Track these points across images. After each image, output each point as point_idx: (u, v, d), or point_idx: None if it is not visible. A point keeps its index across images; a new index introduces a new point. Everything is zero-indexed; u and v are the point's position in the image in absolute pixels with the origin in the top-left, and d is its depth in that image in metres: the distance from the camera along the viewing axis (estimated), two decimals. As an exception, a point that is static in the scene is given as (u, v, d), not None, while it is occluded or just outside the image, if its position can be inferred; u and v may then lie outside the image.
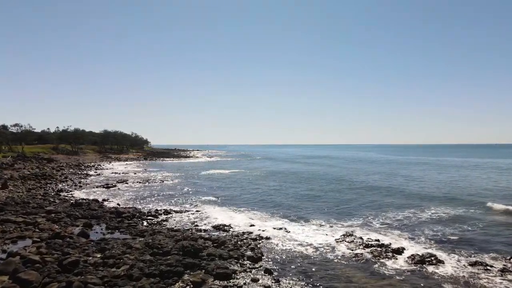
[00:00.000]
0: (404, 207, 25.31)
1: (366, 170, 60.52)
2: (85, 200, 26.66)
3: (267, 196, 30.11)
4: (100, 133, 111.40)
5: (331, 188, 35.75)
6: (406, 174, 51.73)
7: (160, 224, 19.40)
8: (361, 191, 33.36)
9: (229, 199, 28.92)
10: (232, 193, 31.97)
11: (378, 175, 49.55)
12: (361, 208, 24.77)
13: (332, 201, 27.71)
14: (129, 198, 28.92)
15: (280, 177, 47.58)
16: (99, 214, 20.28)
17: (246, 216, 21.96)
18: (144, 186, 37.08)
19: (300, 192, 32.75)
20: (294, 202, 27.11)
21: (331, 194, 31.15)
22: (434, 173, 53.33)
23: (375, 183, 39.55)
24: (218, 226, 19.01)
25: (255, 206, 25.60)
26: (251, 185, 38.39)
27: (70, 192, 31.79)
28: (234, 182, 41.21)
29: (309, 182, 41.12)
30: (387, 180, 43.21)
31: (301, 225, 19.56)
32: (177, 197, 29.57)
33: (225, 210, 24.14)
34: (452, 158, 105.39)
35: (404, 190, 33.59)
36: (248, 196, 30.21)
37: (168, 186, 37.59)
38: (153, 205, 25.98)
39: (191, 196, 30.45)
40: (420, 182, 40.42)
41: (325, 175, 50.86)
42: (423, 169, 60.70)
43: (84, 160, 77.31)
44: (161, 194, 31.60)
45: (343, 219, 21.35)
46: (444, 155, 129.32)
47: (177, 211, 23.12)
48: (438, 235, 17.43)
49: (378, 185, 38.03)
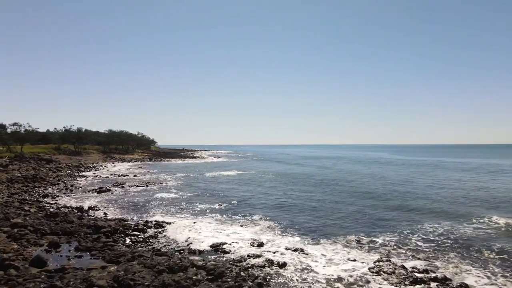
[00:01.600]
0: (440, 216, 21.21)
1: (381, 172, 56.14)
2: (67, 208, 23.12)
3: (278, 204, 26.18)
4: (104, 132, 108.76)
5: (348, 193, 31.65)
6: (429, 177, 47.28)
7: (146, 242, 15.66)
8: (384, 196, 29.19)
9: (233, 206, 25.09)
10: (237, 199, 28.14)
11: (398, 178, 45.21)
12: (390, 219, 20.69)
13: (353, 209, 23.64)
14: (121, 205, 25.31)
15: (291, 180, 43.60)
16: (74, 228, 16.62)
17: (253, 231, 18.08)
18: (141, 190, 33.50)
19: (315, 198, 28.72)
20: (309, 212, 23.14)
21: (350, 201, 27.07)
22: (459, 175, 48.71)
23: (397, 188, 35.30)
24: (218, 245, 15.18)
25: (264, 216, 21.71)
26: (259, 190, 34.51)
27: (56, 197, 28.35)
28: (241, 186, 37.37)
29: (323, 187, 37.05)
30: (409, 184, 38.90)
31: (322, 245, 15.58)
32: (175, 204, 25.87)
33: (229, 221, 20.31)
34: (472, 159, 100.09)
35: (432, 196, 29.32)
36: (256, 204, 26.33)
37: (168, 190, 33.95)
38: (146, 214, 22.29)
39: (191, 202, 26.70)
40: (449, 187, 36.03)
41: (339, 177, 46.68)
42: (446, 171, 56.04)
43: (86, 161, 74.38)
44: (158, 200, 27.94)
45: (372, 234, 17.33)
46: (461, 156, 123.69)
47: (171, 223, 19.36)
48: (506, 259, 13.31)
49: (401, 189, 33.78)
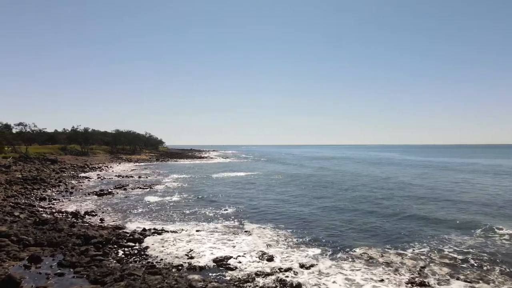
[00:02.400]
0: (469, 225, 18.97)
1: (396, 174, 53.67)
2: (62, 213, 21.48)
3: (289, 210, 24.16)
4: (111, 132, 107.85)
5: (365, 198, 29.46)
6: (448, 179, 44.74)
7: (141, 255, 13.82)
8: (404, 202, 26.95)
9: (240, 212, 23.16)
10: (244, 204, 26.22)
11: (417, 182, 42.80)
12: (415, 229, 18.52)
13: (372, 217, 21.50)
14: (120, 210, 23.59)
15: (302, 182, 41.50)
16: (61, 239, 14.87)
17: (262, 241, 16.12)
18: (143, 193, 31.81)
19: (329, 204, 26.60)
20: (323, 218, 21.08)
21: (367, 208, 24.91)
22: (478, 178, 46.04)
23: (417, 192, 32.99)
24: (222, 259, 13.26)
25: (274, 223, 19.75)
26: (267, 194, 32.54)
27: (54, 201, 26.81)
28: (249, 189, 35.41)
29: (336, 191, 34.91)
30: (429, 187, 36.50)
31: (341, 260, 13.54)
32: (178, 209, 24.06)
33: (235, 229, 18.38)
34: (482, 160, 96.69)
35: (457, 201, 26.99)
36: (265, 209, 24.35)
37: (171, 193, 32.20)
38: (145, 220, 20.50)
39: (195, 207, 24.87)
40: (471, 191, 33.58)
41: (351, 180, 44.43)
42: (461, 173, 53.30)
43: (92, 161, 73.32)
44: (160, 204, 26.18)
45: (396, 246, 15.22)
46: (471, 157, 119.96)
47: (171, 231, 17.51)
48: None
49: (422, 194, 31.47)
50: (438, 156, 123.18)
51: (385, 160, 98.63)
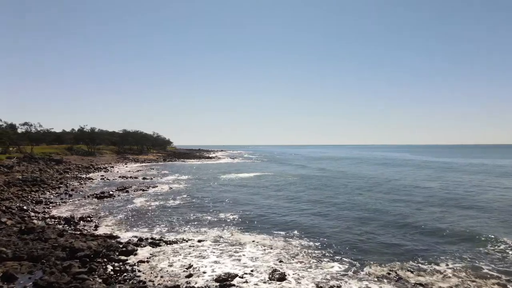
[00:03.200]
0: (502, 233, 16.65)
1: (410, 175, 51.15)
2: (55, 219, 19.81)
3: (302, 216, 22.10)
4: (118, 132, 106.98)
5: (385, 205, 27.24)
6: (469, 182, 42.17)
7: (132, 272, 11.96)
8: (427, 209, 24.67)
9: (249, 218, 21.20)
10: (253, 209, 24.27)
11: (434, 184, 40.37)
12: (443, 239, 16.33)
13: (395, 225, 19.31)
14: (117, 215, 21.84)
15: (314, 184, 39.36)
16: (44, 251, 13.11)
17: (273, 254, 14.13)
18: (145, 196, 30.09)
19: (347, 211, 24.35)
20: (341, 228, 18.96)
21: (389, 212, 22.71)
22: (497, 180, 43.32)
23: (435, 193, 30.63)
24: (225, 279, 11.34)
25: (285, 233, 17.74)
26: (279, 198, 30.53)
27: (50, 204, 25.22)
28: (258, 193, 33.35)
29: (353, 196, 32.73)
30: (453, 191, 34.08)
31: (367, 280, 11.49)
32: (180, 214, 22.22)
33: (241, 239, 16.44)
34: (495, 160, 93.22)
35: (485, 205, 24.62)
36: (275, 216, 22.32)
37: (176, 195, 30.42)
38: (143, 227, 18.70)
39: (199, 212, 23.01)
40: (498, 194, 31.11)
41: (365, 181, 42.13)
42: (479, 174, 50.51)
43: (98, 162, 72.21)
44: (162, 208, 24.38)
45: (425, 261, 13.09)
46: (486, 157, 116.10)
47: (170, 242, 15.64)
48: None
49: (446, 200, 29.10)
50: (450, 157, 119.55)
51: (397, 160, 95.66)
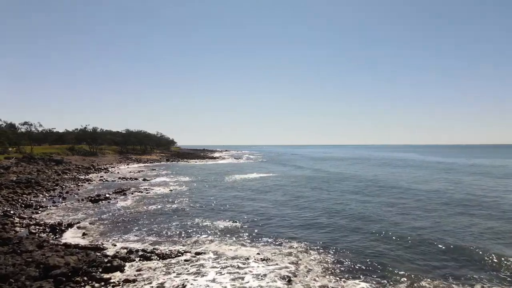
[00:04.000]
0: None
1: (423, 176, 48.75)
2: (40, 226, 17.92)
3: (309, 222, 19.98)
4: (121, 132, 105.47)
5: (395, 202, 24.99)
6: (488, 185, 39.70)
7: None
8: (455, 218, 22.42)
9: (253, 224, 19.14)
10: (258, 214, 22.20)
11: (451, 187, 38.03)
12: (478, 255, 14.13)
13: (422, 233, 17.13)
14: (110, 221, 19.90)
15: (323, 185, 37.13)
16: (15, 268, 11.16)
17: (281, 272, 12.06)
18: (143, 199, 28.16)
19: (358, 216, 22.18)
20: (354, 235, 16.81)
21: (409, 217, 20.50)
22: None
23: (457, 196, 28.33)
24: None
25: (296, 242, 15.65)
26: (286, 199, 28.43)
27: (40, 208, 23.38)
28: (262, 195, 31.22)
29: (363, 194, 30.52)
30: (477, 194, 31.71)
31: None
32: (179, 220, 20.22)
33: (244, 251, 14.38)
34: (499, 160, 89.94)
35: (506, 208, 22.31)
36: (283, 220, 20.24)
37: (176, 199, 28.46)
38: (135, 236, 16.73)
39: (199, 217, 20.99)
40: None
41: (377, 182, 39.85)
42: (494, 176, 47.95)
43: (99, 162, 70.58)
44: (159, 213, 22.41)
45: (459, 279, 10.94)
46: (496, 157, 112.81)
47: (164, 255, 13.61)
48: None
49: (472, 207, 26.80)
50: (459, 157, 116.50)
51: (406, 161, 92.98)
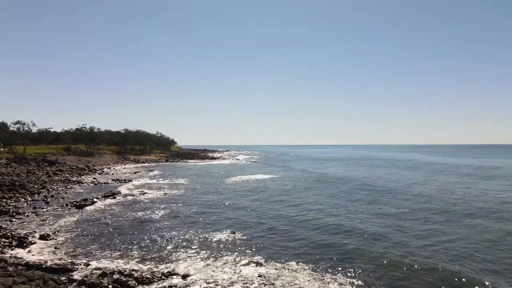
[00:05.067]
0: None
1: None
2: (7, 239, 15.41)
3: (325, 230, 17.40)
4: (120, 132, 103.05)
5: (414, 209, 22.38)
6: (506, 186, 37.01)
7: None
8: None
9: (254, 237, 16.57)
10: (261, 222, 19.64)
11: (469, 192, 35.35)
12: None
13: (460, 253, 14.54)
14: (89, 232, 17.39)
15: (331, 188, 34.46)
16: None
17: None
18: (133, 204, 25.66)
19: (379, 219, 19.68)
20: (378, 249, 14.25)
21: (435, 228, 17.90)
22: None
23: (471, 203, 25.71)
24: None
25: (303, 259, 13.07)
26: (292, 204, 25.88)
27: (16, 216, 20.89)
28: (264, 200, 28.47)
29: (375, 198, 27.93)
30: (495, 200, 29.06)
31: None
32: (168, 231, 17.69)
33: (244, 272, 11.82)
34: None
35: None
36: (291, 230, 17.60)
37: (169, 204, 25.94)
38: (115, 251, 14.20)
39: (193, 227, 18.45)
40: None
41: (389, 185, 37.26)
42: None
43: (96, 162, 68.20)
44: (147, 222, 19.87)
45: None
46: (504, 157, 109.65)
47: (143, 280, 11.06)
48: None
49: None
50: (465, 157, 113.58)
51: (410, 160, 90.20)
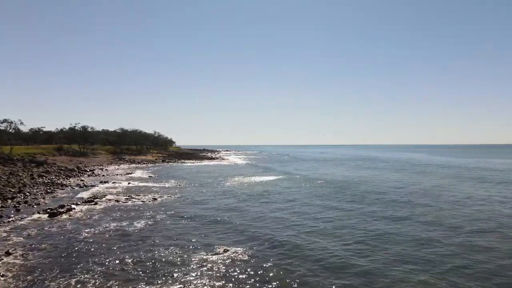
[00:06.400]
0: None
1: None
2: None
3: (348, 247, 13.88)
4: (116, 132, 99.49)
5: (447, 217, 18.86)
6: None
7: None
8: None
9: (258, 256, 13.05)
10: (268, 237, 16.12)
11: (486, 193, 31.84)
12: None
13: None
14: (51, 251, 13.88)
15: (348, 194, 30.51)
16: None
17: None
18: (116, 211, 22.15)
19: (411, 231, 16.15)
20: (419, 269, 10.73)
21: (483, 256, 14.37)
22: None
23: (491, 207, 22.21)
24: None
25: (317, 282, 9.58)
26: (301, 213, 22.35)
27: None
28: (271, 209, 24.88)
29: (398, 207, 24.42)
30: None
31: None
32: (149, 249, 14.18)
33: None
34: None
35: None
36: (307, 249, 14.06)
37: (157, 213, 22.42)
38: (74, 283, 10.71)
39: (179, 245, 14.93)
40: None
41: (406, 188, 33.77)
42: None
43: (88, 163, 64.73)
44: (128, 235, 16.37)
45: None
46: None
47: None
48: None
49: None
50: (471, 157, 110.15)
51: (420, 161, 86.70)
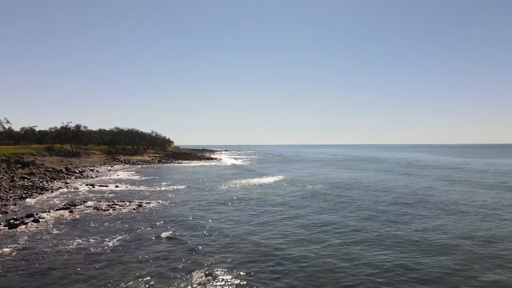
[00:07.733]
0: None
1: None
2: None
3: (367, 265, 10.65)
4: (110, 131, 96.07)
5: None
6: None
7: None
8: None
9: (265, 278, 9.83)
10: (271, 254, 12.87)
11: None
12: None
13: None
14: (15, 269, 10.65)
15: (357, 197, 27.54)
16: None
17: None
18: (90, 221, 18.90)
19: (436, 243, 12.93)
20: None
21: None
22: None
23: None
24: None
25: None
26: (306, 218, 19.14)
27: None
28: (273, 218, 21.71)
29: (411, 215, 21.24)
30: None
31: None
32: (120, 274, 10.93)
33: None
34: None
35: None
36: (318, 266, 10.85)
37: (140, 223, 19.19)
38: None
39: (159, 266, 11.69)
40: None
41: (414, 191, 30.62)
42: None
43: (80, 164, 61.39)
44: (99, 254, 13.12)
45: None
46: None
47: None
48: None
49: None
50: (476, 157, 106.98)
51: (424, 161, 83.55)
